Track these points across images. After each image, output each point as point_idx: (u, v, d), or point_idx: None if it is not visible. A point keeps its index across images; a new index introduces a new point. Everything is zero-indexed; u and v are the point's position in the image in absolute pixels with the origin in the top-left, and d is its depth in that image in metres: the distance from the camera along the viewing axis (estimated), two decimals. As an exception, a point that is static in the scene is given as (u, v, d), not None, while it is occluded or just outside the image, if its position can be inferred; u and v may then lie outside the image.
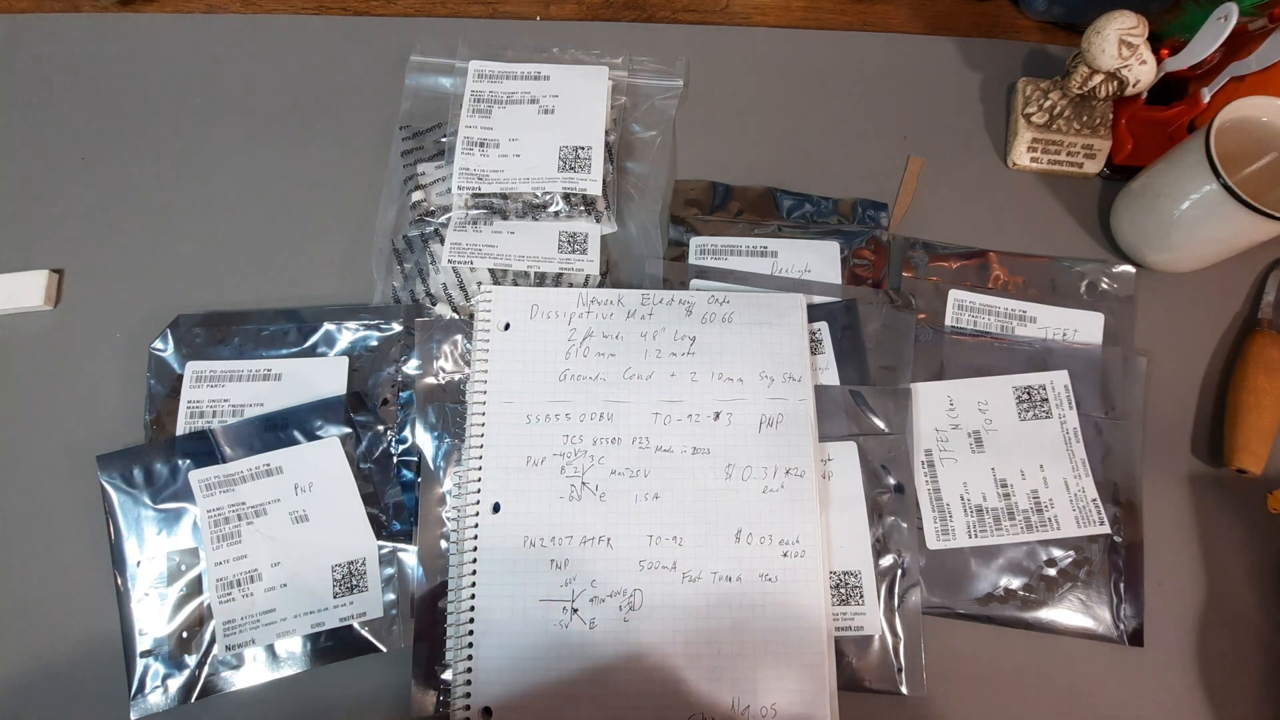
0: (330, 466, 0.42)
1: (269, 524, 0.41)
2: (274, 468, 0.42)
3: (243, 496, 0.41)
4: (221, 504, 0.41)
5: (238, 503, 0.41)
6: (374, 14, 0.55)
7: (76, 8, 0.54)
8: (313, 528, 0.41)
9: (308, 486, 0.36)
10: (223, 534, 0.41)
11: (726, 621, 0.40)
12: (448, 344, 0.45)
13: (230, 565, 0.40)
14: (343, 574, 0.41)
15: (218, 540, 0.41)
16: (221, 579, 0.40)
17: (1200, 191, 0.43)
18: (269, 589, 0.39)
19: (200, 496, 0.41)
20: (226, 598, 0.40)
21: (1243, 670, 0.43)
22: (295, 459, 0.42)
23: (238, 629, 0.39)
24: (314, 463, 0.42)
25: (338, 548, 0.41)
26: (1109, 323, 0.48)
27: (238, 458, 0.42)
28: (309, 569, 0.41)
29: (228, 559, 0.40)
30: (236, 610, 0.39)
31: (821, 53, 0.56)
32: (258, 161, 0.51)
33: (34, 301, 0.46)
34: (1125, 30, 0.46)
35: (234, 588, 0.40)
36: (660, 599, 0.40)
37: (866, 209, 0.51)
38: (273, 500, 0.41)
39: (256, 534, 0.41)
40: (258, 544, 0.41)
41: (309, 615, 0.40)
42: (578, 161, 0.49)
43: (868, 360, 0.46)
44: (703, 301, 0.45)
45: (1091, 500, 0.44)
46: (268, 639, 0.39)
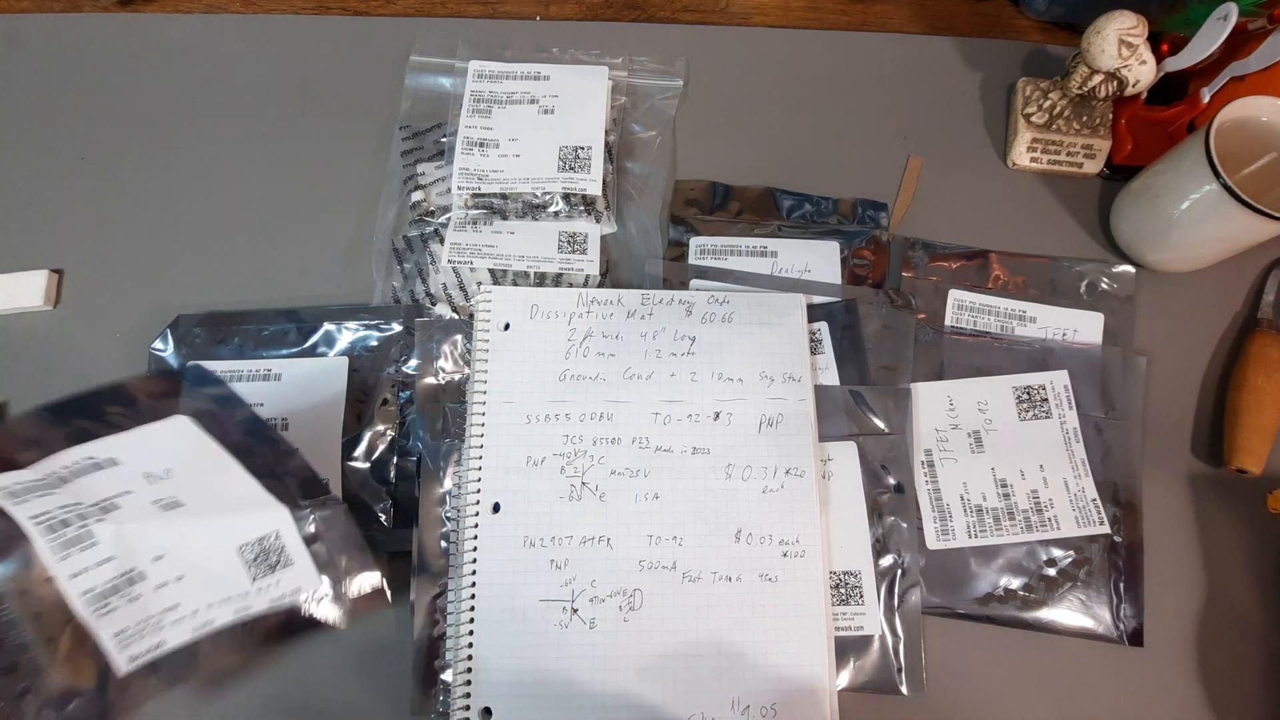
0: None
1: (127, 518, 0.35)
2: (102, 460, 0.36)
3: (74, 496, 0.35)
4: (47, 507, 0.34)
5: (71, 503, 0.34)
6: (374, 14, 0.55)
7: (76, 8, 0.54)
8: (190, 512, 0.36)
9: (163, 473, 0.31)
10: (66, 539, 0.34)
11: (726, 621, 0.40)
12: (448, 344, 0.45)
13: (93, 573, 0.34)
14: (255, 553, 0.37)
15: (62, 548, 0.33)
16: (89, 591, 0.34)
17: (1200, 191, 0.43)
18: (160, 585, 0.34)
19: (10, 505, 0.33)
20: (104, 608, 0.34)
21: (1243, 670, 0.43)
22: (129, 447, 0.37)
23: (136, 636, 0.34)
24: (160, 448, 0.37)
25: (237, 527, 0.37)
26: (1109, 323, 0.48)
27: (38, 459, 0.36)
28: (207, 555, 0.36)
29: (87, 566, 0.34)
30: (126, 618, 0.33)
31: (821, 53, 0.56)
32: (258, 161, 0.51)
33: (34, 301, 0.46)
34: (1125, 30, 0.46)
35: (111, 595, 0.34)
36: (660, 599, 0.40)
37: (866, 209, 0.51)
38: (121, 493, 0.36)
39: (114, 531, 0.35)
40: (122, 541, 0.35)
41: (228, 602, 0.36)
42: (577, 161, 0.49)
43: (868, 360, 0.46)
44: (703, 301, 0.45)
45: (1091, 500, 0.44)
46: (181, 635, 0.35)
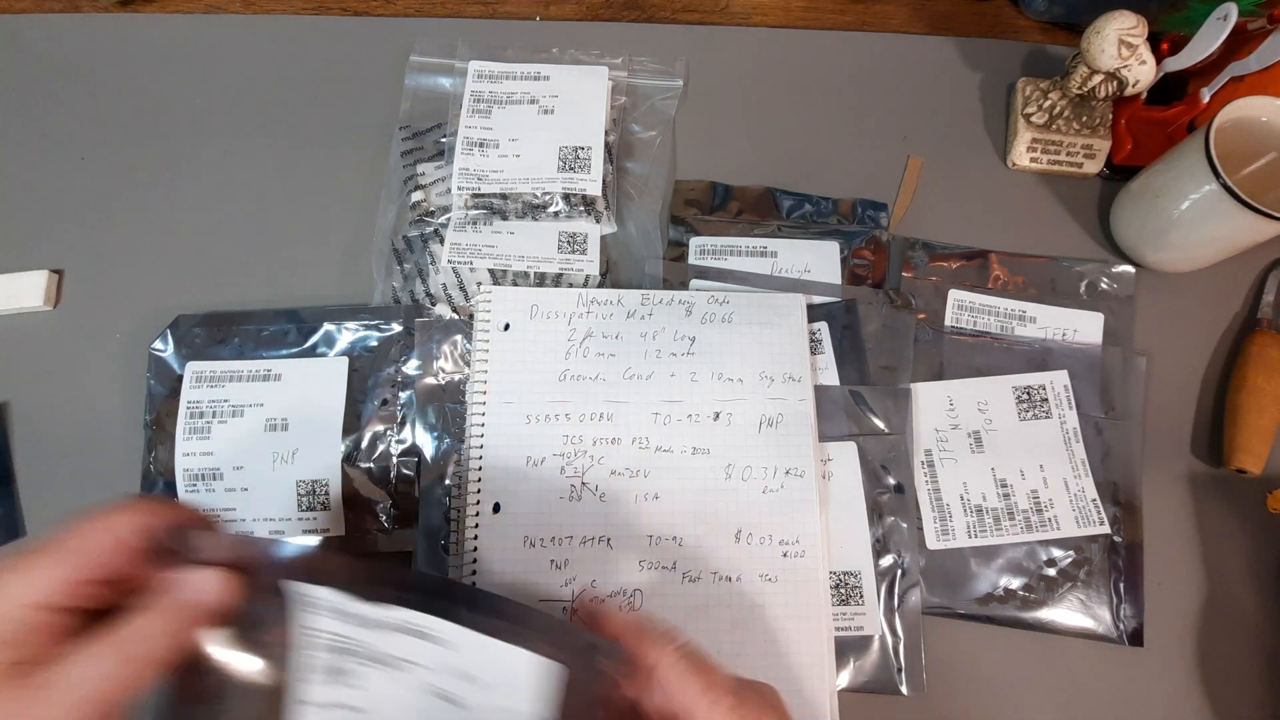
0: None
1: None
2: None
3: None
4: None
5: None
6: (374, 14, 0.55)
7: (76, 8, 0.54)
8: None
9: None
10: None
11: (726, 622, 0.40)
12: (448, 344, 0.45)
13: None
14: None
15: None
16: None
17: (1200, 191, 0.43)
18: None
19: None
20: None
21: (1243, 670, 0.43)
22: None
23: None
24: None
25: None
26: (1109, 323, 0.48)
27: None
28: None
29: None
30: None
31: (821, 53, 0.56)
32: (258, 161, 0.51)
33: (34, 301, 0.46)
34: (1125, 30, 0.46)
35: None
36: (660, 599, 0.40)
37: (866, 209, 0.51)
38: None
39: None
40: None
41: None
42: (577, 161, 0.49)
43: (867, 360, 0.46)
44: (702, 302, 0.45)
45: (1091, 500, 0.44)
46: None
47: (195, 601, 0.26)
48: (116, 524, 0.26)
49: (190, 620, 0.26)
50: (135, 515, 0.27)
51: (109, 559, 0.26)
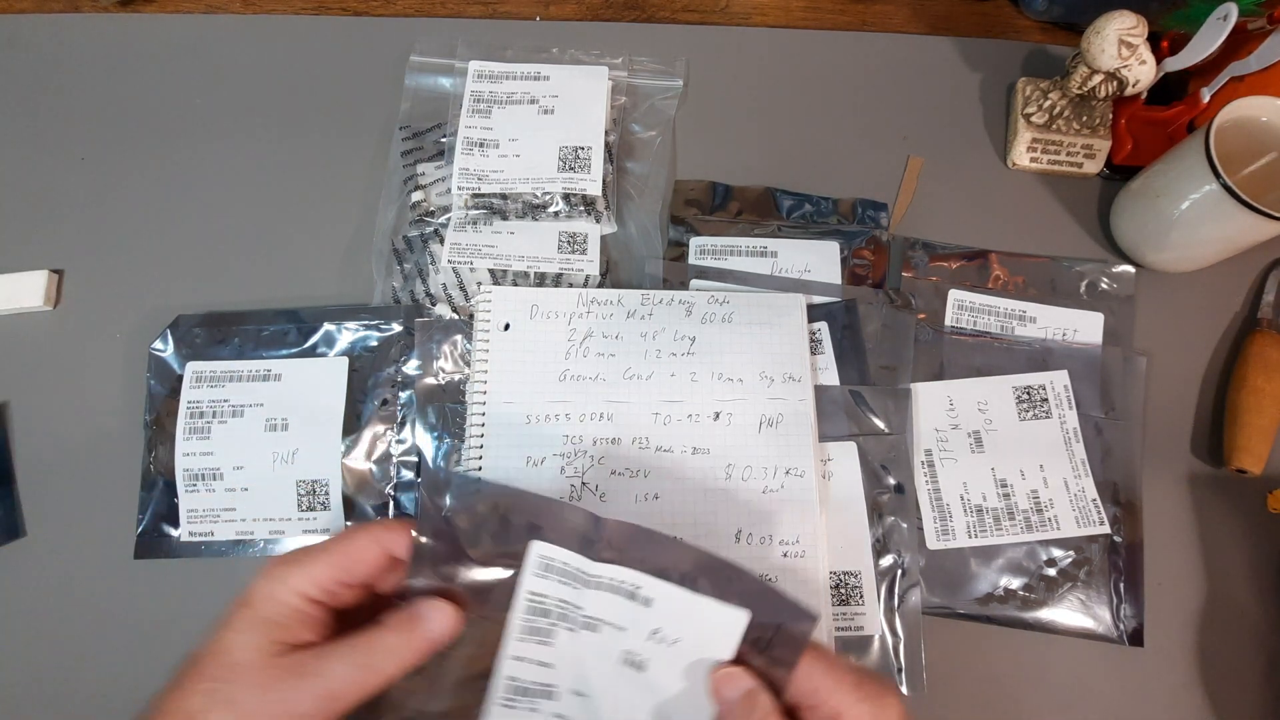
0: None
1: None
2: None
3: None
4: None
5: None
6: (374, 14, 0.55)
7: (76, 8, 0.54)
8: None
9: (670, 640, 0.32)
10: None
11: (727, 621, 0.40)
12: (448, 344, 0.45)
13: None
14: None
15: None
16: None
17: (1200, 191, 0.43)
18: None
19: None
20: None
21: (1243, 670, 0.43)
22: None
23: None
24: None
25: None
26: (1109, 323, 0.48)
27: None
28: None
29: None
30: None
31: (821, 53, 0.56)
32: (258, 161, 0.51)
33: (34, 301, 0.46)
34: (1125, 30, 0.46)
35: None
36: (660, 599, 0.40)
37: (866, 209, 0.51)
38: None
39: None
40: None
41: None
42: (577, 161, 0.49)
43: (867, 360, 0.46)
44: (702, 302, 0.45)
45: (1091, 500, 0.44)
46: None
47: (435, 634, 0.30)
48: (384, 538, 0.30)
49: (426, 648, 0.30)
50: (399, 534, 0.31)
51: (368, 568, 0.30)
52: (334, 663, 0.28)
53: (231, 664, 0.28)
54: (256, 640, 0.28)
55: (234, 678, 0.28)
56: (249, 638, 0.28)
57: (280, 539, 0.42)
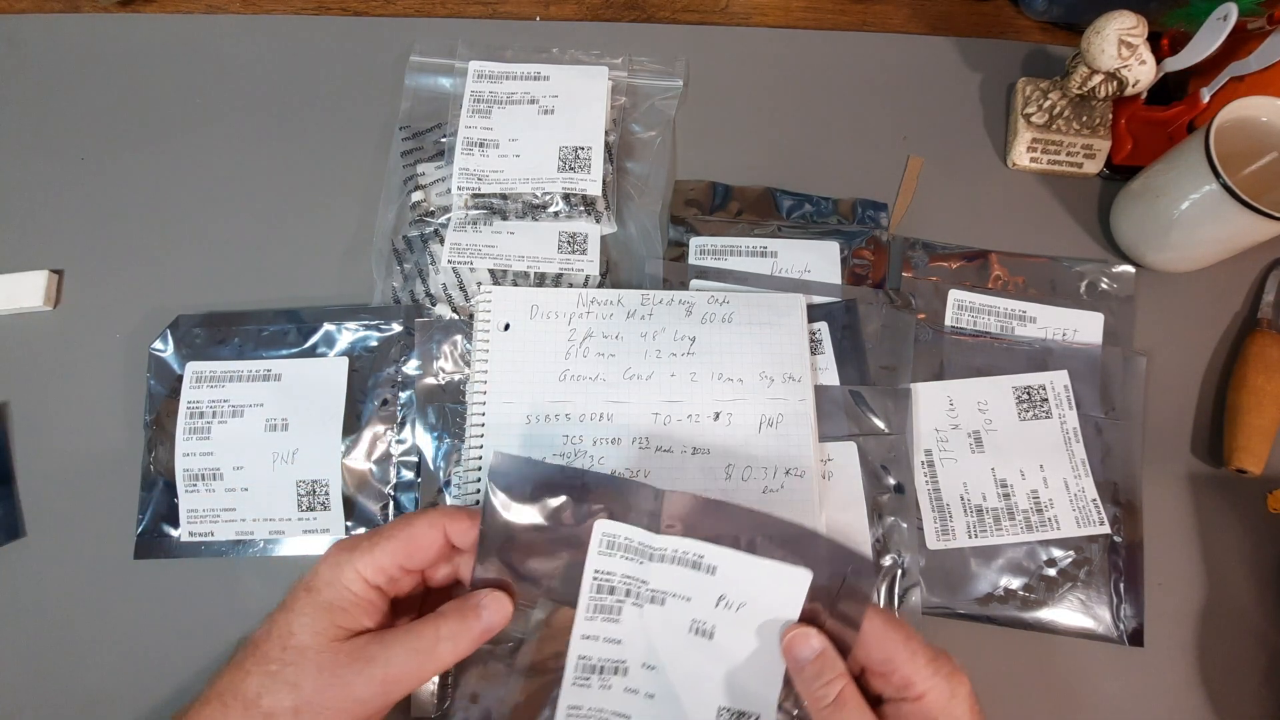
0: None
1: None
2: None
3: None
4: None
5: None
6: (374, 14, 0.55)
7: (76, 8, 0.54)
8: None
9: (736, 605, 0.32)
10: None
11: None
12: (448, 344, 0.45)
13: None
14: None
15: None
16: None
17: (1200, 191, 0.43)
18: (630, 690, 0.35)
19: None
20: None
21: (1243, 670, 0.43)
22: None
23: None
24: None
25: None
26: (1109, 323, 0.48)
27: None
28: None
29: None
30: (587, 699, 0.35)
31: (821, 53, 0.56)
32: (258, 161, 0.51)
33: (34, 302, 0.46)
34: (1125, 30, 0.46)
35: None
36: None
37: (866, 209, 0.51)
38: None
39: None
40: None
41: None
42: (577, 162, 0.49)
43: (867, 360, 0.46)
44: (702, 302, 0.45)
45: (1091, 500, 0.44)
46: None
47: (491, 623, 0.31)
48: (444, 524, 0.31)
49: (482, 637, 0.31)
50: (460, 521, 0.31)
51: (429, 554, 0.31)
52: (395, 649, 0.29)
53: (293, 647, 0.28)
54: (319, 624, 0.29)
55: (296, 661, 0.28)
56: (311, 621, 0.29)
57: (280, 539, 0.42)
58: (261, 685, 0.28)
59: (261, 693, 0.28)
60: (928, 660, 0.29)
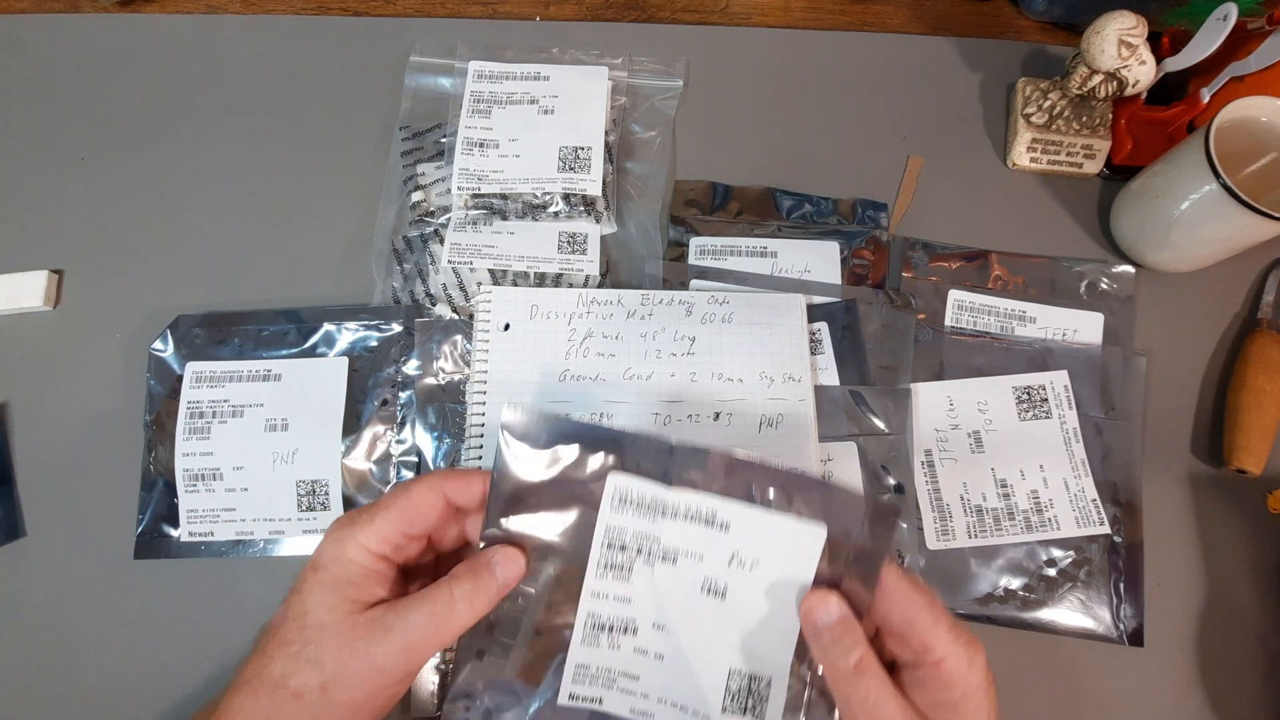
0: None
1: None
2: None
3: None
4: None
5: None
6: (374, 14, 0.55)
7: (76, 8, 0.54)
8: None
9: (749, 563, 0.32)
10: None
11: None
12: (448, 344, 0.45)
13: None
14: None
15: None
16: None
17: (1200, 191, 0.43)
18: (640, 650, 0.35)
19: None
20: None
21: (1243, 670, 0.43)
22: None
23: (590, 680, 0.36)
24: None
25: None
26: (1109, 323, 0.48)
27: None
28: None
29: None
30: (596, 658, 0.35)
31: (821, 53, 0.56)
32: (258, 161, 0.51)
33: (34, 302, 0.46)
34: (1125, 30, 0.46)
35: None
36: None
37: (866, 209, 0.51)
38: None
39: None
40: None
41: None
42: (577, 162, 0.49)
43: (867, 360, 0.46)
44: (702, 302, 0.45)
45: (1091, 500, 0.44)
46: (618, 707, 0.36)
47: (505, 580, 0.31)
48: (445, 486, 0.31)
49: (497, 594, 0.31)
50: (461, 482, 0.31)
51: (431, 518, 0.31)
52: (411, 615, 0.29)
53: (310, 626, 0.29)
54: (331, 601, 0.29)
55: (315, 639, 0.28)
56: (324, 598, 0.29)
57: (280, 539, 0.42)
58: (285, 667, 0.28)
59: (287, 674, 0.28)
60: (949, 626, 0.29)
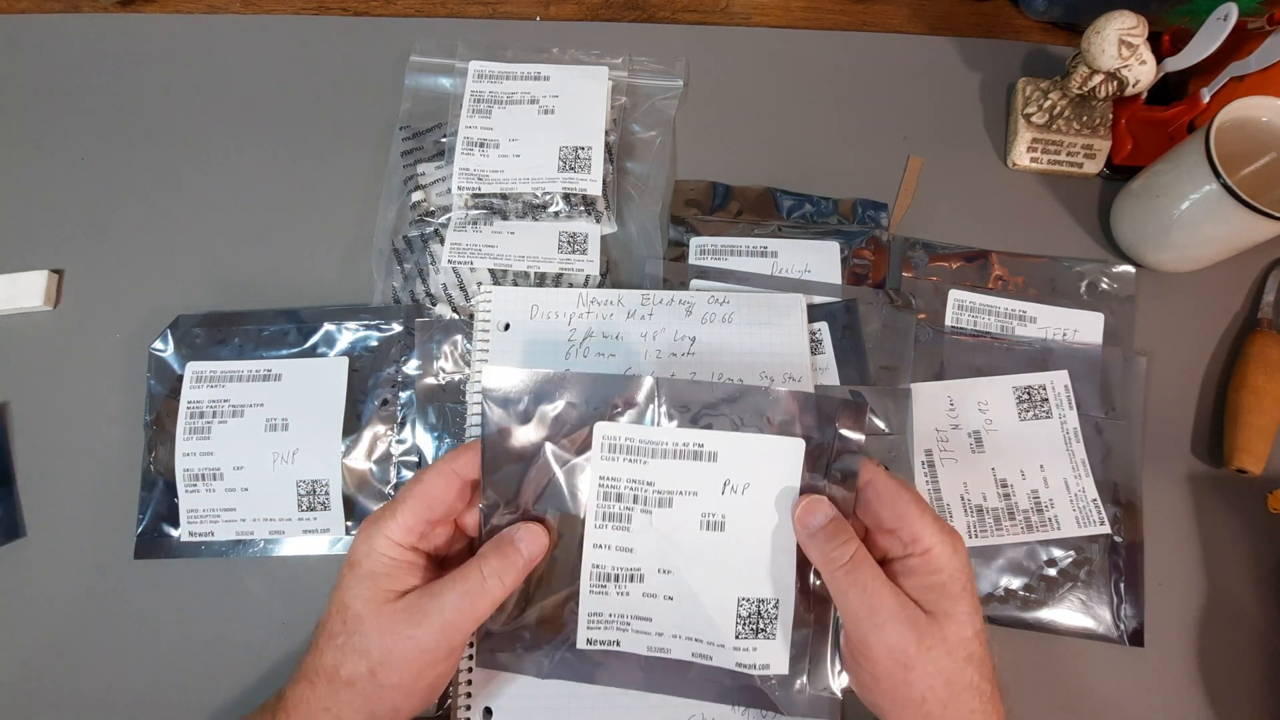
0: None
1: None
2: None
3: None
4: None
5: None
6: (374, 14, 0.55)
7: (76, 8, 0.54)
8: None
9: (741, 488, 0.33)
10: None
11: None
12: (448, 344, 0.45)
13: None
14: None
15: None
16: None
17: (1200, 191, 0.43)
18: (649, 595, 0.35)
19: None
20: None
21: (1243, 670, 0.43)
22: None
23: (604, 625, 0.37)
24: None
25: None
26: (1109, 323, 0.48)
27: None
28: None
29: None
30: (608, 605, 0.36)
31: (821, 53, 0.56)
32: (258, 161, 0.51)
33: (34, 302, 0.46)
34: (1125, 30, 0.46)
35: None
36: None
37: (866, 209, 0.51)
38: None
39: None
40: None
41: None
42: (578, 161, 0.49)
43: (868, 360, 0.46)
44: (703, 302, 0.45)
45: (1091, 500, 0.44)
46: (635, 646, 0.37)
47: (531, 553, 0.33)
48: (454, 466, 0.33)
49: (525, 567, 0.33)
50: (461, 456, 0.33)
51: (447, 500, 0.33)
52: (446, 596, 0.31)
53: (352, 618, 0.31)
54: (367, 593, 0.31)
55: (358, 630, 0.31)
56: (360, 591, 0.31)
57: (280, 539, 0.42)
58: (335, 658, 0.31)
59: (338, 664, 0.31)
60: (933, 519, 0.32)
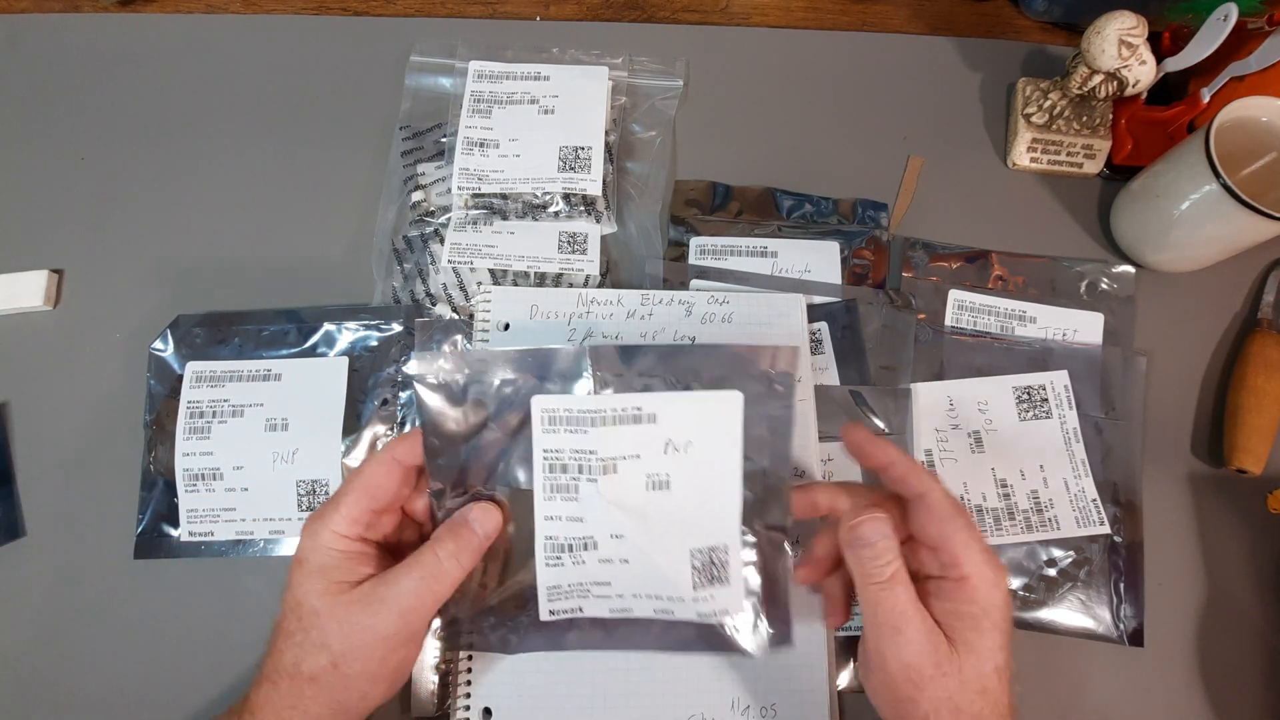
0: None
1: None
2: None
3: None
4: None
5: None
6: (374, 14, 0.55)
7: (76, 8, 0.54)
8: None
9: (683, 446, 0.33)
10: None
11: (727, 621, 0.40)
12: (448, 344, 0.45)
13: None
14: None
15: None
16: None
17: (1200, 191, 0.43)
18: (604, 560, 0.35)
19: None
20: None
21: (1243, 670, 0.43)
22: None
23: (565, 595, 0.37)
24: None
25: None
26: (1109, 323, 0.48)
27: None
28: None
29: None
30: (565, 576, 0.36)
31: (821, 53, 0.56)
32: (258, 161, 0.51)
33: (34, 301, 0.46)
34: (1125, 30, 0.46)
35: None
36: (660, 599, 0.40)
37: (866, 209, 0.51)
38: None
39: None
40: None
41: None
42: (578, 161, 0.49)
43: (868, 360, 0.46)
44: (702, 302, 0.45)
45: (1091, 500, 0.44)
46: (598, 610, 0.37)
47: (485, 532, 0.33)
48: (395, 454, 0.33)
49: (480, 547, 0.33)
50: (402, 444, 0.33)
51: (391, 489, 0.33)
52: (402, 582, 0.31)
53: (308, 614, 0.31)
54: (320, 587, 0.31)
55: (315, 625, 0.30)
56: (313, 586, 0.31)
57: (280, 539, 0.42)
58: (295, 655, 0.30)
59: (298, 661, 0.30)
60: (981, 548, 0.31)
